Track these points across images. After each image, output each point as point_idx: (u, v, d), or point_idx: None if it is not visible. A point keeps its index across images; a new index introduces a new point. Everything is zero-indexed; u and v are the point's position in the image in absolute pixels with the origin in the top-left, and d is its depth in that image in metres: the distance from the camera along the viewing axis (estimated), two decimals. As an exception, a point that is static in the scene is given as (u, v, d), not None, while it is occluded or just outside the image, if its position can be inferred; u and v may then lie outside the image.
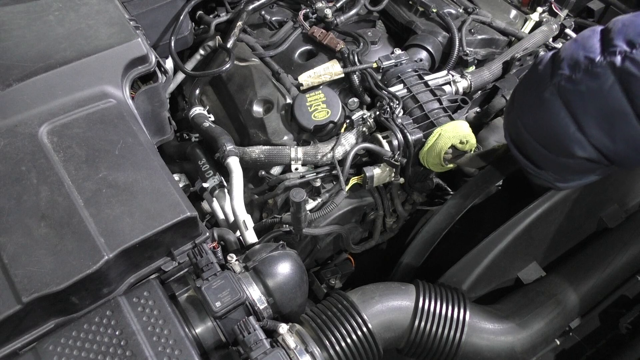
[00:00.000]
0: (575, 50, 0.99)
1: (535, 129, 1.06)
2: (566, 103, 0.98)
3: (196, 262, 1.01)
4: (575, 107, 0.97)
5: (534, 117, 1.06)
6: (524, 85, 1.12)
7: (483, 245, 1.29)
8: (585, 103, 0.96)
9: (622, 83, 0.91)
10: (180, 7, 1.59)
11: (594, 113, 0.95)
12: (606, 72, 0.92)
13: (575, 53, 0.98)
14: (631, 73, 0.89)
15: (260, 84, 1.54)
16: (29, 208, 0.98)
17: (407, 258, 1.39)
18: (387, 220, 1.61)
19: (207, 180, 1.44)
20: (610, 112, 0.94)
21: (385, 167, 1.42)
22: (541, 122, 1.04)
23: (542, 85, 1.02)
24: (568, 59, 0.99)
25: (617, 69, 0.91)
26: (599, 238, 1.35)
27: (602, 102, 0.94)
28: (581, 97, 0.96)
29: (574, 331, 1.30)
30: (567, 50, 1.01)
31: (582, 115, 0.97)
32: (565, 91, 0.98)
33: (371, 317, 1.09)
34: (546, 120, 1.02)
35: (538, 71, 1.05)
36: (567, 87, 0.97)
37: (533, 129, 1.07)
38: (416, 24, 1.73)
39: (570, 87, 0.97)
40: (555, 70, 1.00)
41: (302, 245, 1.47)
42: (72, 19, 1.25)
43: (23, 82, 1.12)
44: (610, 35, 0.95)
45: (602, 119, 0.95)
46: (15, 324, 0.90)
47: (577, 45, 0.99)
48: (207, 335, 0.99)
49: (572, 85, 0.96)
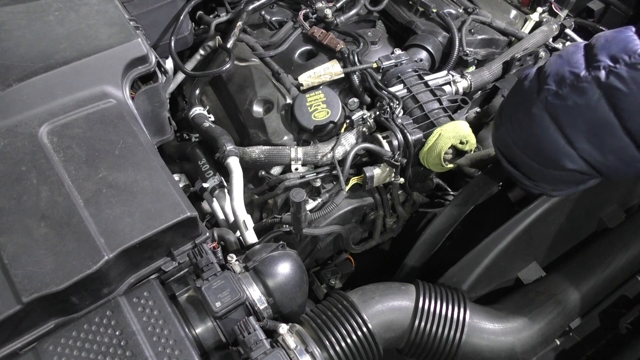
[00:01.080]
0: (560, 65, 1.00)
1: (525, 144, 1.08)
2: (554, 118, 0.99)
3: (196, 262, 1.01)
4: (563, 122, 0.98)
5: (523, 132, 1.07)
6: (511, 101, 1.13)
7: (483, 245, 1.29)
8: (573, 117, 0.97)
9: (608, 97, 0.92)
10: (180, 7, 1.59)
11: (582, 127, 0.97)
12: (592, 86, 0.94)
13: (561, 68, 0.99)
14: (616, 87, 0.91)
15: (260, 84, 1.54)
16: (29, 208, 0.98)
17: (410, 260, 1.39)
18: (387, 221, 1.61)
19: (207, 180, 1.44)
20: (598, 126, 0.95)
21: (385, 167, 1.42)
22: (530, 137, 1.05)
23: (529, 101, 1.03)
24: (554, 74, 1.00)
25: (603, 83, 0.92)
26: (599, 238, 1.35)
27: (590, 116, 0.95)
28: (569, 112, 0.97)
29: (574, 331, 1.30)
30: (552, 65, 1.02)
31: (570, 129, 0.98)
32: (553, 106, 0.99)
33: (371, 317, 1.09)
34: (535, 135, 1.03)
35: (524, 87, 1.06)
36: (555, 102, 0.98)
37: (523, 144, 1.08)
38: (416, 24, 1.73)
39: (558, 102, 0.98)
40: (542, 85, 1.01)
41: (302, 246, 1.47)
42: (72, 19, 1.25)
43: (23, 82, 1.12)
44: (594, 51, 0.97)
45: (590, 132, 0.97)
46: (15, 324, 0.90)
47: (562, 61, 1.01)
48: (207, 335, 0.99)
49: (559, 100, 0.98)
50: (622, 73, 0.90)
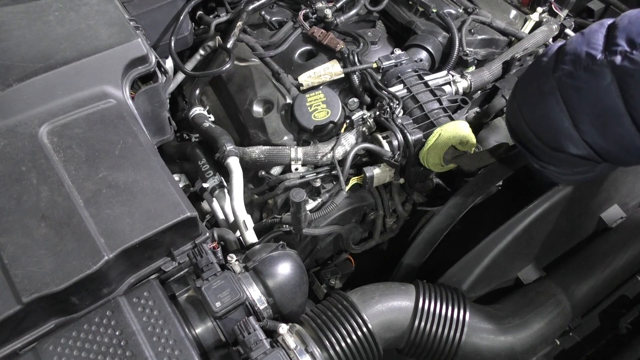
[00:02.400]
0: (579, 44, 0.97)
1: (533, 121, 1.06)
2: (564, 98, 0.97)
3: (196, 262, 1.01)
4: (572, 103, 0.97)
5: (532, 108, 1.05)
6: (528, 75, 1.11)
7: (483, 245, 1.29)
8: (581, 100, 0.95)
9: (619, 83, 0.90)
10: (180, 7, 1.59)
11: (588, 111, 0.95)
12: (605, 70, 0.91)
13: (579, 48, 0.97)
14: (629, 73, 0.88)
15: (260, 84, 1.54)
16: (29, 208, 0.98)
17: (408, 259, 1.39)
18: (387, 221, 1.61)
19: (207, 180, 1.44)
20: (604, 111, 0.94)
21: (385, 167, 1.42)
22: (538, 115, 1.04)
23: (544, 78, 1.01)
24: (572, 53, 0.97)
25: (617, 68, 0.90)
26: (599, 238, 1.35)
27: (598, 100, 0.93)
28: (579, 94, 0.95)
29: (574, 331, 1.30)
30: (572, 44, 0.99)
31: (577, 111, 0.96)
32: (565, 86, 0.97)
33: (371, 317, 1.09)
34: (543, 113, 1.02)
35: (542, 63, 1.04)
36: (567, 82, 0.96)
37: (530, 120, 1.07)
38: (416, 24, 1.73)
39: (570, 82, 0.96)
40: (559, 64, 0.99)
41: (302, 246, 1.47)
42: (72, 19, 1.25)
43: (23, 82, 1.12)
44: (615, 32, 0.93)
45: (595, 117, 0.95)
46: (15, 324, 0.90)
47: (583, 40, 0.98)
48: (207, 335, 0.99)
49: (572, 81, 0.96)
50: (637, 59, 0.87)
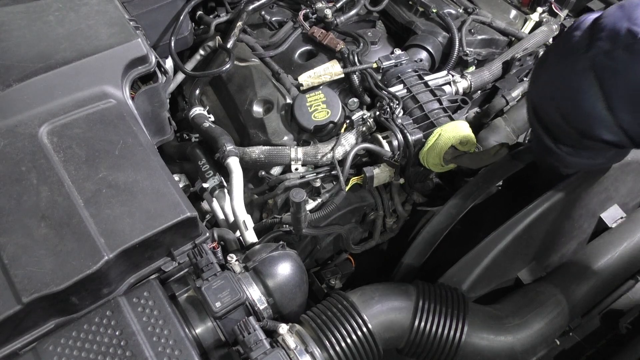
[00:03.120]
0: (618, 19, 0.87)
1: (562, 100, 0.98)
2: (600, 80, 0.88)
3: (196, 263, 1.01)
4: (608, 86, 0.88)
5: (562, 87, 0.97)
6: (558, 50, 1.01)
7: (483, 245, 1.29)
8: (619, 83, 0.87)
9: None
10: (180, 7, 1.59)
11: (626, 95, 0.87)
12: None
13: (619, 23, 0.86)
14: None
15: (260, 84, 1.54)
16: (29, 208, 0.98)
17: (408, 259, 1.39)
18: (387, 221, 1.61)
19: (207, 180, 1.44)
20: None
21: (385, 167, 1.42)
22: (568, 95, 0.95)
23: (576, 56, 0.92)
24: (609, 29, 0.87)
25: None
26: (599, 238, 1.35)
27: (638, 84, 0.85)
28: (617, 76, 0.86)
29: (574, 331, 1.30)
30: (610, 17, 0.89)
31: (613, 95, 0.88)
32: (601, 67, 0.88)
33: (371, 317, 1.09)
34: (574, 93, 0.93)
35: (573, 38, 0.94)
36: (604, 62, 0.87)
37: (559, 100, 0.98)
38: (416, 24, 1.73)
39: (607, 63, 0.86)
40: (593, 41, 0.89)
41: (302, 246, 1.47)
42: (72, 19, 1.25)
43: (23, 82, 1.12)
44: None
45: (634, 102, 0.86)
46: (16, 324, 0.90)
47: (622, 14, 0.87)
48: (207, 335, 0.99)
49: (609, 60, 0.86)
50: None
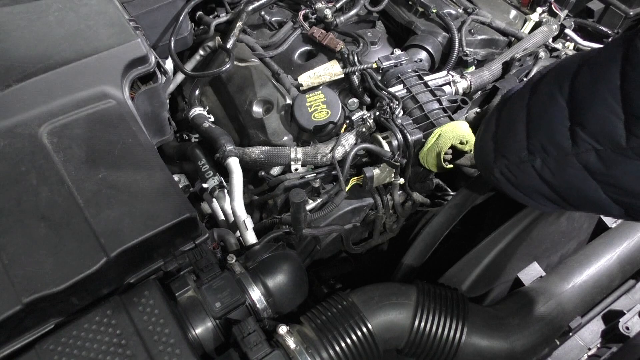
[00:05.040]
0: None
1: (560, 187, 0.92)
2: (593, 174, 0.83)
3: (196, 263, 1.01)
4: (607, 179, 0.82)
5: (560, 177, 0.90)
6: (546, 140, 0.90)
7: (483, 245, 1.29)
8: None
9: None
10: (180, 7, 1.59)
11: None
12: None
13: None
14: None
15: (260, 85, 1.54)
16: (29, 208, 0.98)
17: (408, 259, 1.39)
18: (387, 221, 1.60)
19: (207, 180, 1.44)
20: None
21: (385, 167, 1.42)
22: (568, 185, 0.89)
23: (567, 159, 0.85)
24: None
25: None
26: (599, 238, 1.35)
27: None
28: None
29: (574, 331, 1.30)
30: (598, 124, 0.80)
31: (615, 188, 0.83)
32: (593, 170, 0.82)
33: (371, 317, 1.09)
34: (575, 185, 0.88)
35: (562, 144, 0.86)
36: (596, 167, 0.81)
37: (557, 186, 0.92)
38: (416, 24, 1.73)
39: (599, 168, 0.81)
40: (578, 144, 0.83)
41: (302, 246, 1.47)
42: (72, 19, 1.25)
43: (23, 82, 1.12)
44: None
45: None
46: (16, 324, 0.90)
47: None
48: (207, 335, 0.99)
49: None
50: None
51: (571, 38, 1.81)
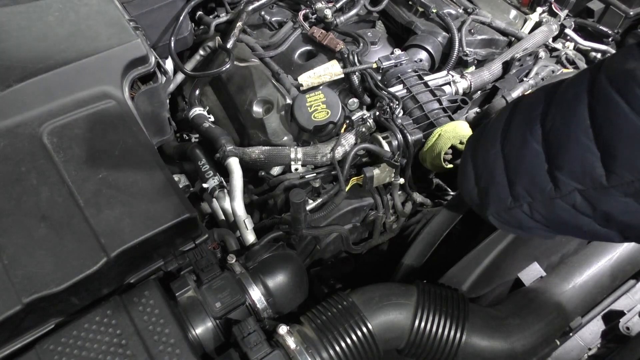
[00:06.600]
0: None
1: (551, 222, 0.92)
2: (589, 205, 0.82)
3: (196, 263, 1.01)
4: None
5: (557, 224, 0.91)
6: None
7: (483, 245, 1.29)
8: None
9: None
10: (180, 7, 1.59)
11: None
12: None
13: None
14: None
15: (260, 85, 1.54)
16: (29, 209, 0.98)
17: (408, 259, 1.39)
18: (387, 221, 1.60)
19: (207, 180, 1.44)
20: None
21: (385, 167, 1.42)
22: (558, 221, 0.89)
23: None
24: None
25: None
26: (599, 238, 1.35)
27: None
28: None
29: (574, 331, 1.30)
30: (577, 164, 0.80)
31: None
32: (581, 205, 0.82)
33: (371, 317, 1.09)
34: (568, 220, 0.87)
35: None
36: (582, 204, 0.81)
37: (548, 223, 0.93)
38: (416, 24, 1.73)
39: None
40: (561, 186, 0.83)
41: (302, 246, 1.47)
42: (72, 19, 1.26)
43: (23, 82, 1.12)
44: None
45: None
46: (16, 324, 0.90)
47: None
48: (207, 335, 0.99)
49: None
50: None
51: (571, 38, 1.81)
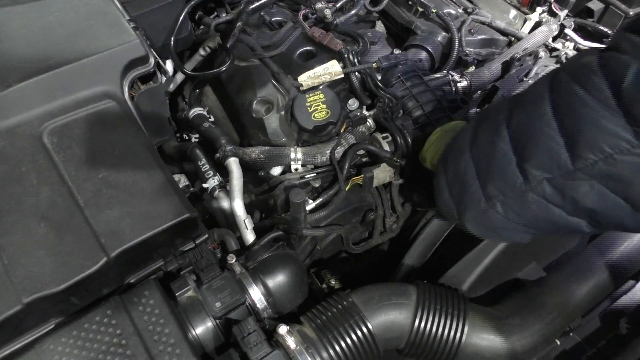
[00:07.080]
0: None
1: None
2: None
3: (196, 263, 1.01)
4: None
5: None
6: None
7: (483, 245, 1.29)
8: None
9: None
10: (180, 7, 1.59)
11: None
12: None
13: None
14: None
15: (260, 85, 1.54)
16: (29, 209, 0.98)
17: (409, 259, 1.39)
18: (387, 221, 1.60)
19: (207, 180, 1.44)
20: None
21: (385, 167, 1.42)
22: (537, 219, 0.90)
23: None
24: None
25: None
26: (599, 238, 1.35)
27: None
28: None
29: (574, 331, 1.30)
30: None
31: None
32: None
33: (371, 317, 1.09)
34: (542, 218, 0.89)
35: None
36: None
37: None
38: (416, 24, 1.73)
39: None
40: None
41: (302, 246, 1.47)
42: (72, 19, 1.26)
43: (23, 82, 1.12)
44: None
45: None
46: (16, 324, 0.90)
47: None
48: (207, 335, 0.99)
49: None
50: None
51: (571, 38, 1.81)
